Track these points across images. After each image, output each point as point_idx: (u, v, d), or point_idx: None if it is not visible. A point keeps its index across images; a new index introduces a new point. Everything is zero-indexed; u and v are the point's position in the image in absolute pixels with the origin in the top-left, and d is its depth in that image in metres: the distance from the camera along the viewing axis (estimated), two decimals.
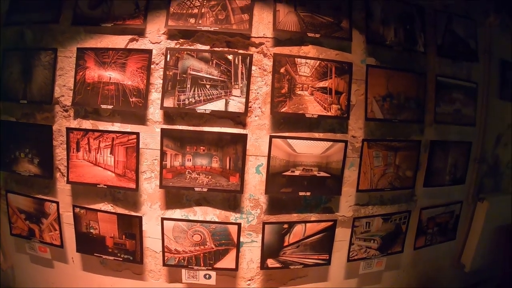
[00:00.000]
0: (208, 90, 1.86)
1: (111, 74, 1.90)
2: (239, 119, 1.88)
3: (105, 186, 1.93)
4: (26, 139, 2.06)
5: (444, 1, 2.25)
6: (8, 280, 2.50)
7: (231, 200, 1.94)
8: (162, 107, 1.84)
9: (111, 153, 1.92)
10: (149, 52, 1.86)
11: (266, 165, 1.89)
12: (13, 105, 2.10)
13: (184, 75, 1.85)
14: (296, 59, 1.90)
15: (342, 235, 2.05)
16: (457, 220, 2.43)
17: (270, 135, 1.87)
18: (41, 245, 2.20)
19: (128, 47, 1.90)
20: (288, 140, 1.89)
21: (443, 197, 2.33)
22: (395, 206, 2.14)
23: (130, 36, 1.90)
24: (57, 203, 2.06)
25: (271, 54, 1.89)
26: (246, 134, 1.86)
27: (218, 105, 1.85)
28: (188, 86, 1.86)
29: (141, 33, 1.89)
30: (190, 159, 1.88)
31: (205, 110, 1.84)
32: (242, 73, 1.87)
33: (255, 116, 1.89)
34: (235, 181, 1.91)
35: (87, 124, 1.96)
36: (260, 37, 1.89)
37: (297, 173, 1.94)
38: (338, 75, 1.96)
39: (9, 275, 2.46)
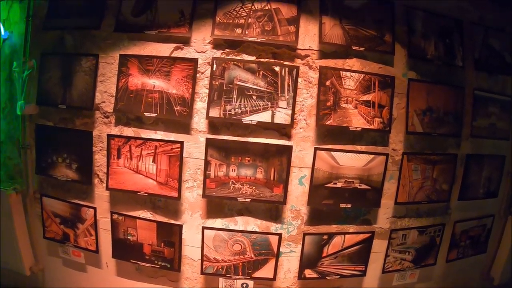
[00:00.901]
0: (255, 101, 1.82)
1: (155, 82, 1.86)
2: (284, 130, 1.85)
3: (146, 194, 1.90)
4: (64, 144, 2.02)
5: (481, 14, 2.25)
6: (38, 282, 2.46)
7: (272, 210, 1.92)
8: (207, 116, 1.81)
9: (153, 161, 1.88)
10: (195, 61, 1.82)
11: (309, 176, 1.88)
12: (51, 110, 2.05)
13: (230, 85, 1.82)
14: (341, 72, 1.89)
15: (378, 246, 2.04)
16: (489, 234, 2.43)
17: (314, 147, 1.85)
18: (75, 249, 2.16)
19: (172, 55, 1.86)
20: (332, 152, 1.89)
21: (476, 210, 2.33)
22: (430, 219, 2.13)
23: (174, 44, 1.86)
24: (95, 209, 2.02)
25: (316, 67, 1.87)
26: (292, 146, 1.83)
27: (264, 117, 1.81)
28: (235, 96, 1.82)
29: (186, 41, 1.86)
30: (234, 170, 1.85)
31: (251, 121, 1.81)
32: (288, 85, 1.84)
33: (300, 128, 1.86)
34: (279, 192, 1.88)
35: (128, 131, 1.92)
36: (305, 49, 1.86)
37: (339, 185, 1.92)
38: (381, 88, 1.94)
39: (39, 277, 2.42)
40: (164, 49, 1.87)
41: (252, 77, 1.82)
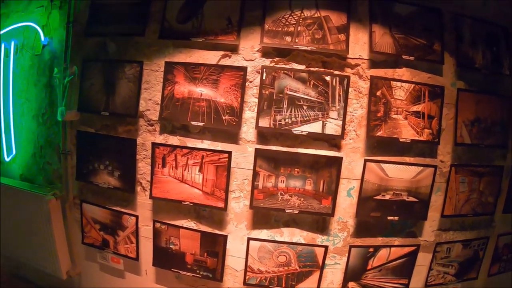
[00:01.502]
0: (305, 111, 1.66)
1: (203, 90, 1.71)
2: (334, 141, 1.69)
3: (191, 204, 1.74)
4: (106, 151, 1.87)
5: None
6: (74, 286, 2.34)
7: (319, 222, 1.76)
8: (257, 126, 1.65)
9: (199, 170, 1.73)
10: (244, 69, 1.66)
11: (357, 188, 1.72)
12: (93, 116, 1.91)
13: (280, 95, 1.66)
14: (391, 82, 1.74)
15: (422, 259, 1.87)
16: None
17: (364, 159, 1.69)
18: (114, 256, 2.02)
19: (219, 63, 1.70)
20: (381, 164, 1.75)
21: None
22: (475, 232, 1.97)
23: (222, 52, 1.70)
24: (137, 217, 1.87)
25: (366, 76, 1.71)
26: (342, 157, 1.67)
27: (315, 127, 1.65)
28: (285, 106, 1.66)
29: (234, 49, 1.70)
30: (283, 181, 1.69)
31: (301, 131, 1.64)
32: (339, 94, 1.68)
33: (350, 139, 1.70)
34: (327, 204, 1.73)
35: (174, 140, 1.77)
36: (356, 58, 1.69)
37: (387, 197, 1.77)
38: (431, 99, 1.77)
39: (75, 281, 2.30)
40: (211, 57, 1.71)
41: (302, 87, 1.67)
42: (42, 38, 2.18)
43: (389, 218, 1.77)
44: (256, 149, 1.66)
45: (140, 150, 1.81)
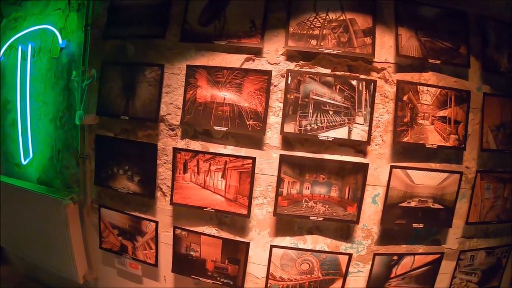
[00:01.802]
0: (331, 117, 1.53)
1: (226, 95, 1.58)
2: (360, 147, 1.55)
3: (213, 210, 1.61)
4: (125, 156, 1.73)
5: None
6: None
7: (344, 229, 1.62)
8: (282, 132, 1.52)
9: (222, 177, 1.59)
10: (268, 73, 1.52)
11: (383, 195, 1.58)
12: (112, 120, 1.77)
13: (306, 100, 1.53)
14: (418, 86, 1.62)
15: (445, 267, 1.73)
16: None
17: (390, 165, 1.55)
18: (132, 261, 1.88)
19: (243, 66, 1.57)
20: (407, 170, 1.63)
21: None
22: (498, 239, 1.82)
23: (245, 55, 1.57)
24: (157, 222, 1.72)
25: (393, 80, 1.58)
26: (368, 164, 1.54)
27: (341, 133, 1.52)
28: (311, 111, 1.53)
29: (258, 52, 1.56)
30: (308, 187, 1.56)
31: (327, 137, 1.51)
32: (365, 99, 1.55)
33: (376, 145, 1.57)
34: (352, 211, 1.60)
35: (196, 145, 1.63)
36: (382, 62, 1.56)
37: (413, 204, 1.65)
38: (457, 103, 1.65)
39: (92, 286, 2.17)
40: (234, 60, 1.58)
41: (328, 91, 1.54)
42: (60, 40, 2.05)
43: (414, 225, 1.65)
44: (281, 155, 1.52)
45: (160, 155, 1.68)
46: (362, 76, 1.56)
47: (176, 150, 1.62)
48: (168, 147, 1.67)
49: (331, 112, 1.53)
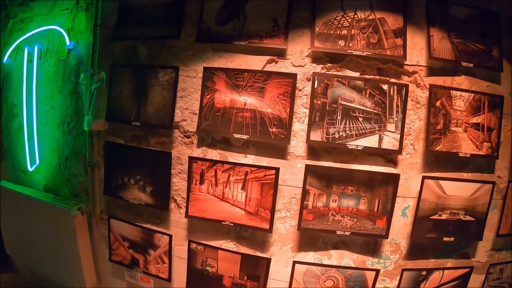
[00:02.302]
0: (361, 124, 1.27)
1: (247, 99, 1.31)
2: (390, 156, 1.31)
3: (232, 224, 1.36)
4: (137, 165, 1.47)
5: None
6: None
7: (371, 244, 1.37)
8: (308, 140, 1.26)
9: (242, 188, 1.33)
10: (293, 76, 1.27)
11: (413, 207, 1.33)
12: (123, 126, 1.50)
13: (334, 105, 1.27)
14: (451, 91, 1.40)
15: (474, 281, 1.49)
16: None
17: (422, 176, 1.31)
18: (144, 275, 1.62)
19: (265, 69, 1.32)
20: (439, 181, 1.41)
21: None
22: None
23: (268, 57, 1.31)
24: (170, 236, 1.46)
25: (424, 85, 1.33)
26: (399, 175, 1.29)
27: (371, 141, 1.27)
28: (339, 118, 1.28)
29: (281, 54, 1.31)
30: (335, 200, 1.31)
31: (356, 146, 1.26)
32: (397, 105, 1.31)
33: (407, 154, 1.32)
34: (381, 225, 1.35)
35: (213, 154, 1.37)
36: (413, 65, 1.31)
37: (444, 217, 1.41)
38: (490, 109, 1.42)
39: None
40: (255, 62, 1.32)
41: (358, 96, 1.28)
42: (67, 42, 1.77)
43: (445, 239, 1.45)
44: (306, 165, 1.27)
45: (175, 164, 1.42)
46: (392, 80, 1.35)
47: (192, 159, 1.36)
48: (183, 155, 1.41)
49: (360, 119, 1.29)
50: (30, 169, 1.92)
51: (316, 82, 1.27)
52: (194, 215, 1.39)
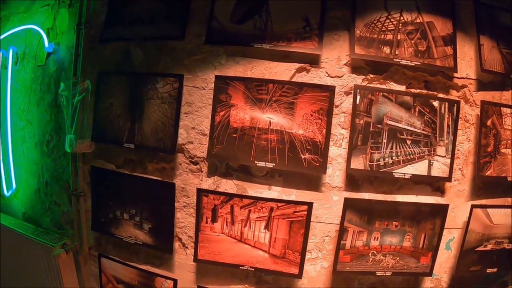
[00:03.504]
0: (409, 148, 0.83)
1: (272, 118, 0.82)
2: (437, 184, 0.89)
3: (252, 269, 0.88)
4: (132, 196, 0.93)
5: None
6: None
7: (411, 281, 0.94)
8: (348, 168, 0.80)
9: (266, 227, 0.84)
10: (331, 89, 0.79)
11: (458, 239, 0.92)
12: (112, 149, 0.96)
13: (379, 126, 0.81)
14: (501, 108, 1.03)
15: None
16: None
17: (471, 205, 0.90)
18: None
19: (293, 79, 0.84)
20: (487, 209, 1.05)
21: None
22: None
23: (297, 64, 0.83)
24: (175, 280, 0.94)
25: (474, 101, 0.90)
26: (448, 205, 0.87)
27: (420, 168, 0.83)
28: (385, 141, 0.82)
29: (314, 61, 0.83)
30: (377, 238, 0.86)
31: (404, 174, 0.83)
32: (448, 125, 0.90)
33: (454, 180, 0.89)
34: (426, 262, 0.91)
35: (228, 185, 0.86)
36: (462, 78, 0.89)
37: (489, 247, 1.03)
38: None
39: None
40: (281, 71, 0.83)
41: (406, 115, 0.82)
42: (46, 44, 1.20)
43: (488, 270, 1.10)
44: (345, 199, 0.82)
45: (179, 196, 0.90)
46: (440, 95, 0.97)
47: (201, 192, 0.85)
48: (189, 186, 0.89)
49: (408, 142, 0.84)
50: (6, 194, 1.32)
51: (358, 97, 0.82)
52: (205, 258, 0.89)
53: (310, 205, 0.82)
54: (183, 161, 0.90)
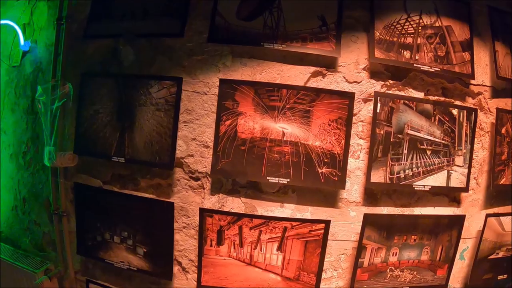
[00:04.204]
0: (429, 158, 0.70)
1: (286, 128, 0.65)
2: (453, 194, 0.76)
3: None
4: (123, 217, 0.73)
5: None
6: None
7: None
8: (368, 182, 0.66)
9: (279, 249, 0.68)
10: (350, 96, 0.64)
11: (472, 249, 0.81)
12: (99, 162, 0.74)
13: (400, 136, 0.67)
14: None
15: None
16: None
17: (486, 214, 0.80)
18: None
19: (308, 84, 0.68)
20: (500, 217, 0.96)
21: None
22: None
23: (312, 68, 0.67)
24: None
25: (488, 108, 0.78)
26: (464, 216, 0.75)
27: (439, 179, 0.71)
28: (405, 151, 0.68)
29: (330, 64, 0.67)
30: (396, 253, 0.72)
31: (424, 186, 0.69)
32: (466, 134, 0.77)
33: (470, 190, 0.77)
34: (442, 274, 0.79)
35: (235, 203, 0.68)
36: (478, 85, 0.77)
37: (500, 254, 0.94)
38: None
39: None
40: (295, 75, 0.67)
41: (426, 124, 0.69)
42: (22, 41, 0.96)
43: (499, 277, 1.02)
44: (365, 215, 0.67)
45: (178, 216, 0.71)
46: (457, 103, 0.85)
47: (204, 212, 0.68)
48: (189, 205, 0.70)
49: (428, 152, 0.71)
50: None
51: (378, 105, 0.67)
52: (210, 284, 0.71)
53: (327, 223, 0.67)
54: (181, 177, 0.71)
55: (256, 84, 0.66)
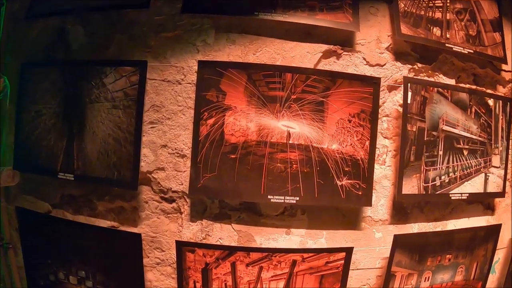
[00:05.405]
0: (466, 160, 0.45)
1: (292, 127, 0.37)
2: (487, 201, 0.53)
3: None
4: (78, 252, 0.43)
5: None
6: None
7: None
8: (399, 195, 0.40)
9: (286, 287, 0.46)
10: (375, 82, 0.38)
11: (503, 260, 0.58)
12: (44, 181, 0.43)
13: (434, 133, 0.42)
14: None
15: None
16: None
17: None
18: None
19: (318, 67, 0.40)
20: None
21: None
22: None
23: (324, 46, 0.40)
24: None
25: None
26: (500, 225, 0.52)
27: (476, 185, 0.47)
28: (440, 152, 0.43)
29: (347, 41, 0.40)
30: (428, 278, 0.48)
31: (461, 195, 0.45)
32: (502, 128, 0.52)
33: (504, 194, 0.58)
34: None
35: (225, 231, 0.40)
36: (509, 71, 0.54)
37: None
38: None
39: None
40: (301, 54, 0.40)
41: (462, 118, 0.45)
42: None
43: None
44: (395, 236, 0.42)
45: (148, 250, 0.43)
46: (488, 91, 0.62)
47: (182, 246, 0.40)
48: (162, 235, 0.43)
49: (465, 152, 0.47)
50: None
51: (409, 94, 0.42)
52: None
53: (349, 251, 0.42)
54: (150, 198, 0.43)
55: (249, 67, 0.39)
